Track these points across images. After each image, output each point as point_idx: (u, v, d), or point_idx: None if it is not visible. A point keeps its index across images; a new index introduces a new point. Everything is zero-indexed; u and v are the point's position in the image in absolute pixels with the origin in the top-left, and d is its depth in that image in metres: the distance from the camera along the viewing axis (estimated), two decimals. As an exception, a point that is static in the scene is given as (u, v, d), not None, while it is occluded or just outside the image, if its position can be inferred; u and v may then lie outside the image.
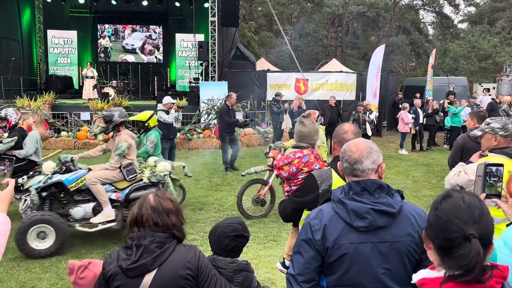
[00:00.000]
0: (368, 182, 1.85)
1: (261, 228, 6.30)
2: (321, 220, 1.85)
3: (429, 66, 18.86)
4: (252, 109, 15.26)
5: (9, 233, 1.97)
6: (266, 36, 32.59)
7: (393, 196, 1.86)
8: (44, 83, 20.02)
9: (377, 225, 1.80)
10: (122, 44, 21.84)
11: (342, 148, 2.01)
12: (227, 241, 2.52)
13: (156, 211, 1.98)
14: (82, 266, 2.10)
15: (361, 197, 1.83)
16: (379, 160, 1.93)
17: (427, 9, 38.76)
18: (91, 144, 12.78)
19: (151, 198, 2.04)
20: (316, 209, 1.94)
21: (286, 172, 3.20)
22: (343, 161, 1.97)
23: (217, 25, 15.34)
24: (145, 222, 1.97)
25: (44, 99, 14.39)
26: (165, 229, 1.97)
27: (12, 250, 5.32)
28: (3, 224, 1.96)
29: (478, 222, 1.39)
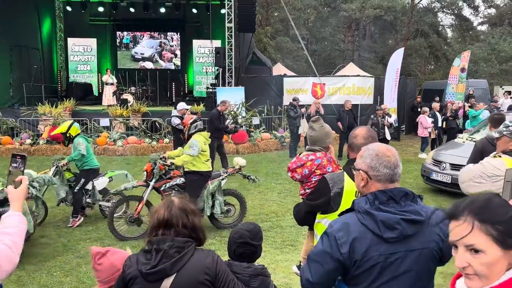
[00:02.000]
0: (395, 191, 1.81)
1: (278, 232, 6.30)
2: (347, 232, 1.79)
3: (455, 69, 18.35)
4: (269, 114, 15.28)
5: (25, 232, 1.99)
6: (282, 41, 32.60)
7: (417, 203, 1.83)
8: (64, 90, 20.42)
9: (407, 234, 1.76)
10: (131, 53, 22.13)
11: (371, 154, 1.90)
12: (234, 247, 2.54)
13: (184, 212, 2.01)
14: (100, 253, 2.13)
15: (388, 207, 1.78)
16: None
17: (446, 11, 38.25)
18: (110, 150, 12.97)
19: (177, 200, 2.06)
20: (339, 220, 1.87)
21: (299, 175, 3.21)
22: (381, 167, 1.85)
23: (233, 31, 15.44)
24: (174, 224, 1.98)
25: (65, 105, 14.66)
26: (192, 230, 1.99)
27: (34, 254, 5.44)
28: (19, 223, 1.98)
29: None
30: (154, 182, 6.07)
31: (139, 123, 14.14)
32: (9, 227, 1.94)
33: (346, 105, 12.82)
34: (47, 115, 13.83)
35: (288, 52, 33.49)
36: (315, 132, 3.29)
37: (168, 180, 6.19)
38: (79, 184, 6.59)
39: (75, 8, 20.82)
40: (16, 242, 1.91)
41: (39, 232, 6.20)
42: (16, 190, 2.05)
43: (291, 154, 12.63)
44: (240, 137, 13.68)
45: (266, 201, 8.06)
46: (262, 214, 7.20)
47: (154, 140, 13.46)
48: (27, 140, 13.10)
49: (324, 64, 36.19)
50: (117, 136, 13.44)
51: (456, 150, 8.86)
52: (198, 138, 6.08)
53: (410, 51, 34.15)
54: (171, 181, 6.20)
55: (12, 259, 1.87)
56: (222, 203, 6.31)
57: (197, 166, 6.08)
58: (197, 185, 6.15)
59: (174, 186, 6.21)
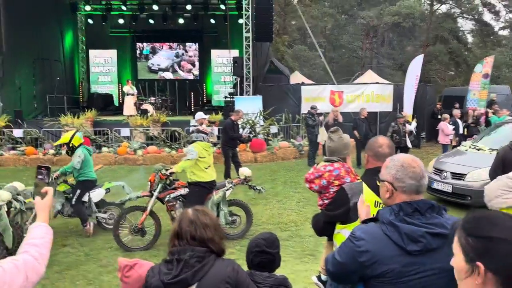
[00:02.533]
0: (420, 203, 1.80)
1: (298, 242, 6.28)
2: (369, 242, 1.79)
3: (477, 75, 18.07)
4: (287, 122, 15.29)
5: (51, 243, 2.03)
6: (299, 49, 32.70)
7: (443, 215, 1.82)
8: (86, 101, 20.86)
9: (431, 247, 1.75)
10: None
11: (396, 165, 1.89)
12: (251, 257, 2.55)
13: (193, 225, 2.04)
14: (128, 266, 2.17)
15: (413, 219, 1.77)
16: None
17: (466, 17, 37.75)
18: (130, 159, 13.15)
19: (190, 212, 2.10)
20: (362, 228, 1.87)
21: (317, 185, 3.21)
22: (406, 179, 1.84)
23: (251, 40, 15.55)
24: (183, 235, 2.03)
25: (86, 116, 14.96)
26: (201, 243, 2.02)
27: (58, 263, 5.54)
28: (46, 234, 2.03)
29: None
30: (157, 192, 6.06)
31: (158, 132, 14.32)
32: (35, 238, 1.99)
33: (362, 113, 12.74)
34: (69, 126, 14.12)
35: (306, 60, 33.54)
36: (334, 142, 3.30)
37: (172, 191, 6.16)
38: (75, 195, 6.54)
39: (96, 20, 21.34)
40: (42, 253, 1.95)
41: (61, 240, 6.32)
42: (42, 201, 2.11)
43: (309, 162, 12.59)
44: (258, 146, 13.72)
45: (285, 210, 8.05)
46: (281, 223, 7.19)
47: (173, 149, 13.60)
48: (50, 151, 13.39)
49: (342, 72, 36.06)
50: (137, 145, 13.63)
51: (458, 159, 8.70)
52: (195, 145, 6.14)
53: (430, 58, 33.77)
54: (176, 191, 6.16)
55: (38, 270, 1.91)
56: (227, 214, 6.26)
57: (197, 175, 6.05)
58: (197, 196, 6.07)
59: (178, 197, 6.17)
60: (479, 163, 8.00)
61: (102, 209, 6.89)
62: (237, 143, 10.62)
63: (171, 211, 6.17)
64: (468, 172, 7.91)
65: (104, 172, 12.07)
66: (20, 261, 1.88)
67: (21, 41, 16.42)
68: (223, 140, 10.44)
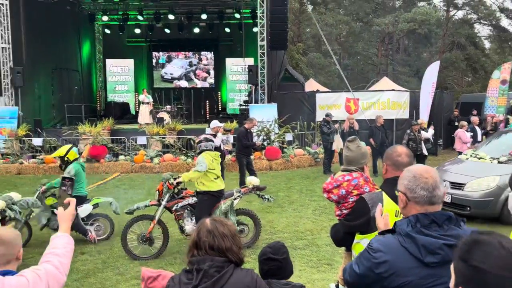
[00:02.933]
0: (437, 214, 1.79)
1: (314, 251, 6.24)
2: (386, 253, 1.78)
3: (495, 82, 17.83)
4: (302, 130, 15.28)
5: (72, 253, 2.07)
6: (314, 57, 32.70)
7: (461, 227, 1.80)
8: (103, 109, 21.21)
9: (449, 259, 1.70)
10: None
11: (409, 175, 1.89)
12: (261, 266, 2.62)
13: (211, 235, 2.06)
14: (152, 277, 2.19)
15: (430, 230, 1.76)
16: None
17: (483, 22, 37.36)
18: (147, 167, 13.28)
19: (208, 222, 2.12)
20: (379, 240, 1.87)
21: (335, 195, 3.20)
22: (418, 189, 1.84)
23: (266, 48, 15.62)
24: (201, 245, 2.05)
25: (104, 125, 15.16)
26: (220, 253, 2.03)
27: (76, 270, 5.61)
28: (67, 244, 2.07)
29: None
30: (165, 201, 6.06)
31: (174, 141, 14.44)
32: (57, 248, 2.03)
33: (378, 120, 12.60)
34: (87, 134, 14.33)
35: (321, 67, 33.51)
36: (351, 152, 3.29)
37: (180, 200, 6.14)
38: None
39: (114, 30, 21.73)
40: (63, 262, 1.99)
41: (80, 248, 6.39)
42: (65, 212, 2.15)
43: (325, 170, 12.55)
44: (273, 154, 13.72)
45: (301, 218, 8.02)
46: (297, 232, 7.16)
47: (189, 157, 13.69)
48: (68, 159, 13.57)
49: (357, 79, 35.92)
50: (153, 154, 13.75)
51: (458, 168, 8.43)
52: (205, 155, 6.10)
53: (446, 64, 33.45)
54: (183, 200, 6.15)
55: (59, 279, 1.95)
56: (234, 223, 6.18)
57: (206, 186, 6.03)
58: (205, 205, 6.07)
59: (186, 206, 6.14)
60: (479, 173, 7.83)
61: (89, 221, 6.85)
62: (251, 151, 10.65)
63: (179, 220, 6.17)
64: (467, 182, 7.71)
65: (120, 180, 12.21)
66: (42, 270, 1.91)
67: (40, 52, 16.81)
68: (237, 148, 10.48)
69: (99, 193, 10.44)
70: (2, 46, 15.29)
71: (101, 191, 10.66)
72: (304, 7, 32.97)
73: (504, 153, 8.22)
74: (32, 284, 1.82)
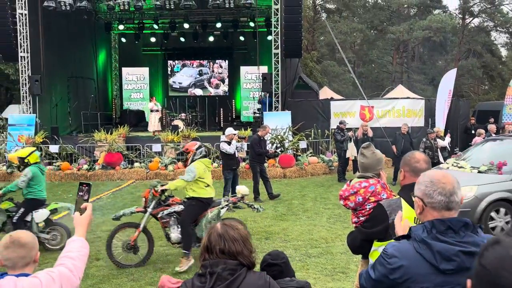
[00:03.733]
0: (454, 221, 1.75)
1: (329, 259, 6.18)
2: (401, 259, 1.76)
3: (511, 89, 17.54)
4: (316, 138, 15.22)
5: (87, 257, 2.08)
6: (328, 65, 32.66)
7: (478, 234, 1.77)
8: (119, 117, 21.44)
9: (465, 266, 1.69)
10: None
11: (426, 181, 1.87)
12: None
13: (222, 239, 2.06)
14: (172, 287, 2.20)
15: (446, 237, 1.73)
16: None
17: (500, 30, 36.94)
18: (161, 175, 13.35)
19: (219, 226, 2.13)
20: (394, 246, 1.85)
21: (352, 202, 3.17)
22: (435, 194, 1.81)
23: (280, 56, 15.66)
24: (212, 249, 2.05)
25: (119, 132, 15.31)
26: (231, 256, 2.04)
27: (91, 276, 5.64)
28: (82, 248, 2.08)
29: None
30: (151, 208, 5.97)
31: (188, 148, 14.48)
32: (72, 251, 2.05)
33: (403, 128, 12.48)
34: (103, 142, 14.48)
35: (335, 75, 33.44)
36: (367, 159, 3.26)
37: (166, 207, 6.04)
38: (18, 214, 6.43)
39: (129, 39, 22.03)
40: (77, 266, 2.01)
41: (95, 254, 6.43)
42: (81, 216, 2.17)
43: (339, 178, 12.46)
44: (287, 161, 13.68)
45: (315, 226, 7.96)
46: (311, 240, 7.11)
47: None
48: (84, 166, 13.75)
49: (372, 87, 35.75)
50: (168, 161, 13.83)
51: None
52: (197, 164, 6.01)
53: (462, 72, 33.11)
54: (169, 208, 6.04)
55: (73, 282, 1.96)
56: None
57: (197, 192, 5.97)
58: (192, 210, 5.99)
59: (172, 214, 6.02)
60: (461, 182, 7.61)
61: (46, 229, 6.75)
62: (264, 159, 10.66)
63: (165, 228, 6.06)
64: None
65: (135, 187, 12.29)
66: (56, 272, 1.93)
67: (57, 61, 17.13)
68: (251, 156, 10.48)
69: (114, 200, 10.53)
70: (21, 55, 15.62)
71: (116, 198, 10.75)
72: (318, 15, 33.04)
73: (485, 162, 7.99)
74: (45, 286, 1.84)
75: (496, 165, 7.71)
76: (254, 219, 8.41)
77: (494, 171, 7.70)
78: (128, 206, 9.59)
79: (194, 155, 6.14)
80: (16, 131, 15.09)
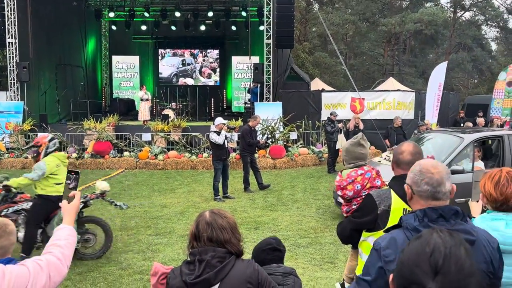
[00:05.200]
0: (445, 209, 1.77)
1: (317, 249, 6.22)
2: (395, 250, 1.76)
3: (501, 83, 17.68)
4: (307, 129, 15.24)
5: (75, 245, 2.08)
6: (320, 56, 32.62)
7: (468, 222, 1.78)
8: (108, 106, 21.25)
9: None
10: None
11: (416, 169, 1.89)
12: (264, 255, 2.67)
13: (210, 227, 2.07)
14: (165, 274, 2.19)
15: (437, 225, 1.73)
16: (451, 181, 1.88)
17: (490, 24, 37.18)
18: (151, 164, 13.29)
19: (207, 214, 2.13)
20: (387, 236, 1.85)
21: (351, 191, 3.19)
22: (421, 184, 1.84)
23: (272, 47, 15.60)
24: (201, 237, 2.07)
25: (109, 121, 15.18)
26: (219, 244, 2.05)
27: (79, 264, 5.62)
28: (70, 236, 2.07)
29: (442, 273, 1.16)
30: None
31: (179, 138, 14.44)
32: (59, 239, 2.04)
33: (396, 121, 12.47)
34: (92, 130, 14.35)
35: (326, 67, 33.43)
36: (365, 149, 3.32)
37: (12, 204, 5.61)
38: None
39: (120, 27, 21.78)
40: (65, 254, 2.00)
41: (83, 243, 6.40)
42: (69, 204, 2.16)
43: (329, 169, 12.51)
44: (278, 152, 13.70)
45: (304, 216, 7.99)
46: (301, 230, 7.14)
47: (193, 154, 13.69)
48: (73, 154, 13.62)
49: (363, 79, 35.84)
50: (158, 150, 13.76)
51: None
52: (50, 160, 5.54)
53: (452, 65, 33.31)
54: (16, 205, 5.61)
55: (61, 270, 1.95)
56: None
57: (46, 190, 5.53)
58: (39, 210, 5.57)
59: (20, 211, 5.59)
60: (383, 176, 7.28)
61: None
62: (255, 149, 10.64)
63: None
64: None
65: (125, 176, 12.23)
66: (43, 261, 1.92)
67: (45, 47, 16.85)
68: (241, 146, 10.47)
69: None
70: (8, 41, 15.36)
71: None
72: (310, 6, 32.92)
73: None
74: (33, 274, 1.82)
75: None
76: (244, 209, 8.43)
77: None
78: (117, 195, 9.58)
79: (46, 148, 5.60)
80: (3, 118, 14.91)
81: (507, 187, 2.22)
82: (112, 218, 7.80)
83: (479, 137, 7.39)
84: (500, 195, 2.22)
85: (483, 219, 2.28)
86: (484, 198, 2.31)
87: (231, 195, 9.48)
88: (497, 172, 2.31)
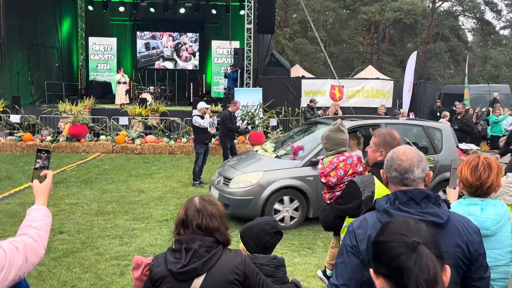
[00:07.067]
0: (415, 192, 1.80)
1: (296, 235, 6.25)
2: (365, 230, 1.80)
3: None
4: (286, 116, 15.25)
5: (50, 226, 2.00)
6: (300, 42, 32.58)
7: (440, 206, 1.81)
8: (84, 88, 20.72)
9: None
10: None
11: (389, 156, 1.94)
12: (267, 238, 2.54)
13: (200, 214, 2.01)
14: (149, 264, 2.13)
15: (408, 207, 1.78)
16: (426, 168, 1.89)
17: (467, 15, 37.73)
18: (128, 148, 13.09)
19: (197, 201, 2.07)
20: (360, 217, 1.89)
21: (334, 177, 3.19)
22: (391, 170, 1.90)
23: (253, 32, 15.46)
24: (189, 224, 2.00)
25: (85, 104, 14.85)
26: (207, 233, 1.99)
27: (54, 250, 5.50)
28: (45, 217, 2.00)
29: (417, 232, 1.33)
30: None
31: (157, 122, 14.25)
32: (34, 221, 1.97)
33: (380, 110, 12.54)
34: (67, 113, 14.03)
35: (306, 54, 33.43)
36: (346, 134, 3.29)
37: None
38: None
39: (97, 7, 21.17)
40: (41, 235, 1.93)
41: (58, 227, 6.27)
42: (41, 184, 2.07)
43: (308, 156, 12.55)
44: (257, 138, 13.66)
45: (283, 203, 8.00)
46: (279, 216, 7.15)
47: (172, 139, 13.54)
48: (47, 137, 13.30)
49: (342, 67, 36.00)
50: (135, 134, 13.56)
51: (240, 160, 7.45)
52: None
53: (430, 55, 33.77)
54: None
55: (38, 251, 1.89)
56: None
57: None
58: None
59: None
60: (248, 167, 6.87)
61: None
62: (235, 135, 10.57)
63: None
64: (233, 177, 6.70)
65: (101, 160, 12.02)
66: (19, 242, 1.86)
67: (17, 26, 16.25)
68: (221, 132, 10.37)
69: (79, 173, 10.27)
70: (-21, 18, 14.76)
71: (81, 171, 10.48)
72: (291, -8, 32.70)
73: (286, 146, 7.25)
74: (10, 255, 1.76)
75: (294, 149, 6.92)
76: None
77: (289, 155, 6.86)
78: (93, 179, 9.41)
79: None
80: (-26, 99, 14.39)
81: (483, 173, 2.30)
82: (88, 202, 7.67)
83: (353, 126, 6.86)
84: (475, 180, 2.31)
85: (459, 204, 2.37)
86: (461, 183, 2.39)
87: (204, 181, 9.40)
88: (475, 158, 2.39)
